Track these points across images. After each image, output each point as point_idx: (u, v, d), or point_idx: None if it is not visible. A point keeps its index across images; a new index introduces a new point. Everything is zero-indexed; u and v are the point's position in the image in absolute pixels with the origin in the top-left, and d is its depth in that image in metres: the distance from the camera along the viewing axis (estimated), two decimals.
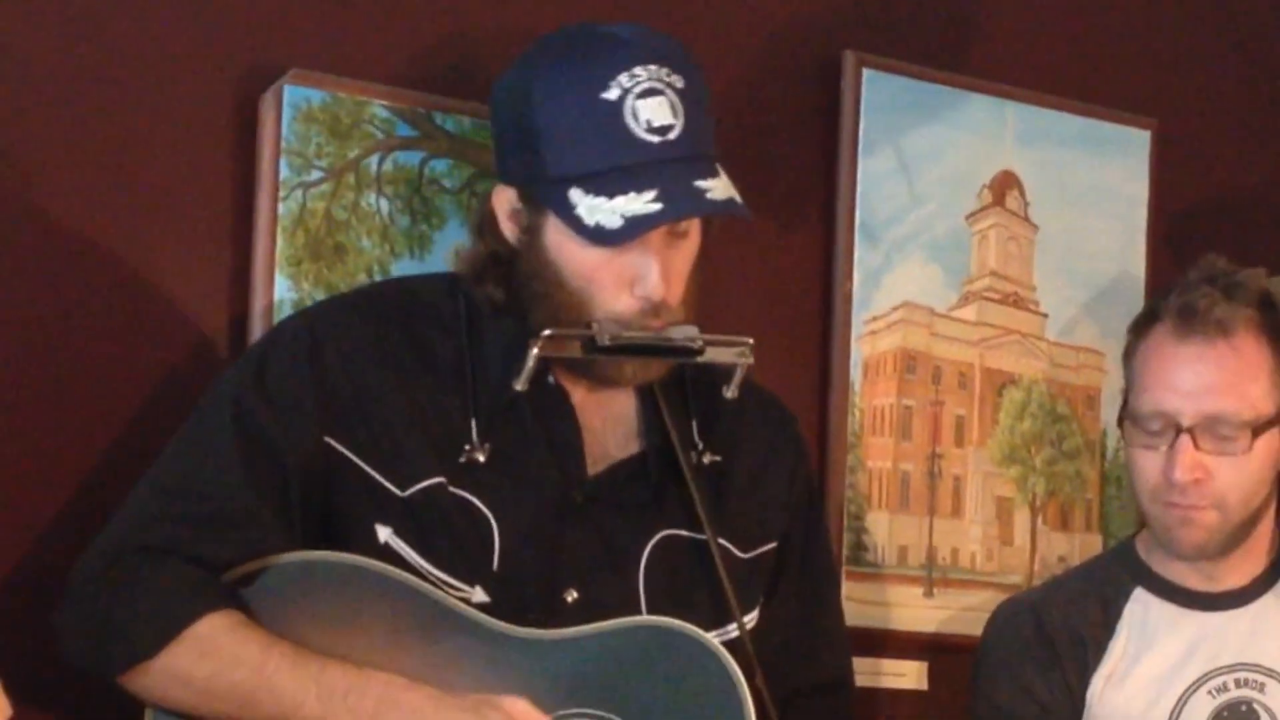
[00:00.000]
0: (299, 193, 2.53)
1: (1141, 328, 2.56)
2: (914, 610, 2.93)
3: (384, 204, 2.61)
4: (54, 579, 2.26)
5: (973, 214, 3.02)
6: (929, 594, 2.95)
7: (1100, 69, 3.16)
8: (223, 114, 2.53)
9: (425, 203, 2.63)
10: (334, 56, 2.59)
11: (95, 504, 2.39)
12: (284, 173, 2.52)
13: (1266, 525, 2.56)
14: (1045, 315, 3.07)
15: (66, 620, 2.21)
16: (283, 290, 2.51)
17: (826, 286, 2.92)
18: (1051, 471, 3.06)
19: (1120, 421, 2.58)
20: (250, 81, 2.54)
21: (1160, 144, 3.13)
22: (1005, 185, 3.04)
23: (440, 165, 2.64)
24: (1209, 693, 2.46)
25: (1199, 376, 2.47)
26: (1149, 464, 2.49)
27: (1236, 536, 2.51)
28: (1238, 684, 2.42)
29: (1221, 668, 2.46)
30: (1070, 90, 3.09)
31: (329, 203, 2.56)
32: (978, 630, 2.84)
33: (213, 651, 2.13)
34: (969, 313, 3.01)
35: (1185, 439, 2.44)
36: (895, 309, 2.94)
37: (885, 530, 2.92)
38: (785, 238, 2.90)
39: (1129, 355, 2.59)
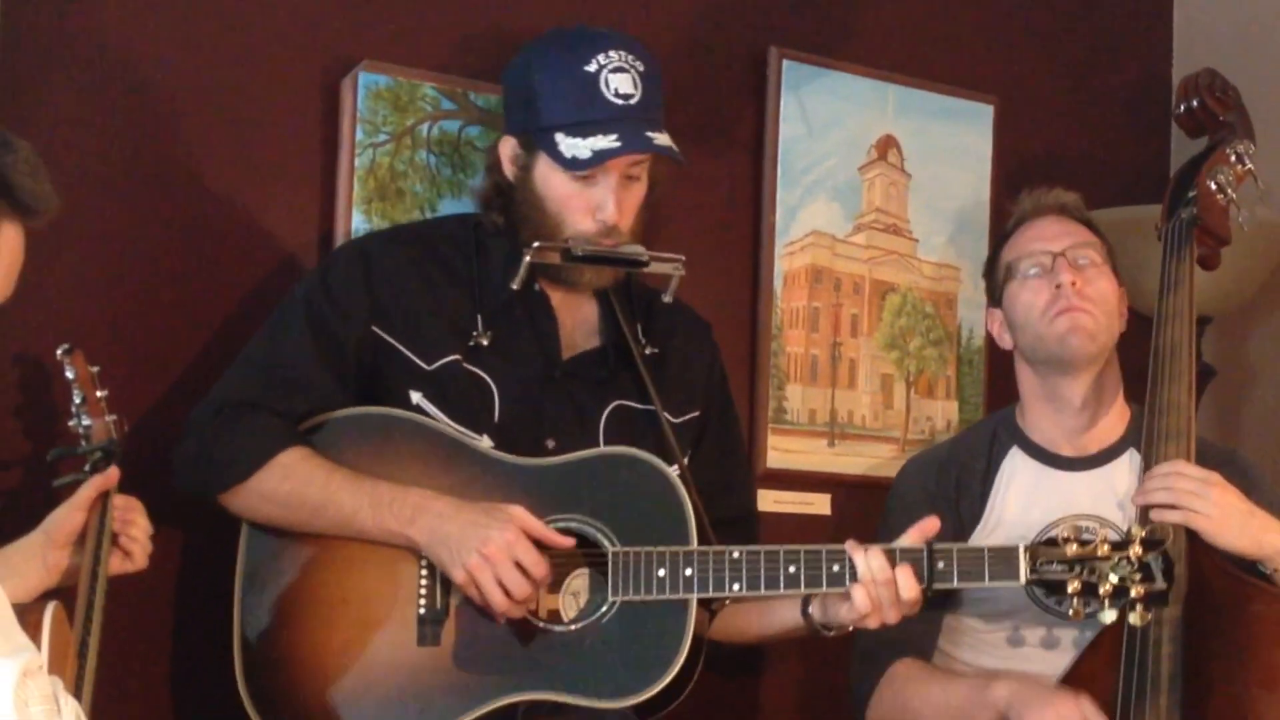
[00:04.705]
0: (370, 151, 2.79)
1: (1005, 236, 2.79)
2: (820, 456, 3.22)
3: (432, 159, 2.85)
4: (174, 426, 2.51)
5: (863, 166, 3.30)
6: (831, 444, 3.24)
7: (955, 59, 3.44)
8: (315, 93, 2.82)
9: (462, 159, 2.88)
10: (397, 51, 2.87)
11: (211, 370, 2.62)
12: (359, 136, 2.78)
13: (1120, 397, 2.73)
14: (917, 240, 3.35)
15: (184, 454, 2.46)
16: (357, 222, 2.77)
17: (756, 219, 3.20)
18: (921, 355, 3.34)
19: (998, 297, 2.74)
20: (334, 69, 2.82)
21: (1000, 115, 3.43)
22: (887, 145, 3.31)
23: (473, 130, 2.90)
24: None
25: (1057, 229, 2.72)
26: (1036, 290, 2.67)
27: (1105, 355, 2.66)
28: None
29: (1070, 516, 2.61)
30: (934, 75, 3.37)
31: (392, 158, 2.81)
32: (869, 471, 3.23)
33: (291, 475, 2.37)
34: (861, 239, 3.29)
35: (1061, 259, 2.67)
36: (807, 236, 3.23)
37: (800, 398, 3.21)
38: (725, 183, 3.18)
39: (994, 259, 2.76)
